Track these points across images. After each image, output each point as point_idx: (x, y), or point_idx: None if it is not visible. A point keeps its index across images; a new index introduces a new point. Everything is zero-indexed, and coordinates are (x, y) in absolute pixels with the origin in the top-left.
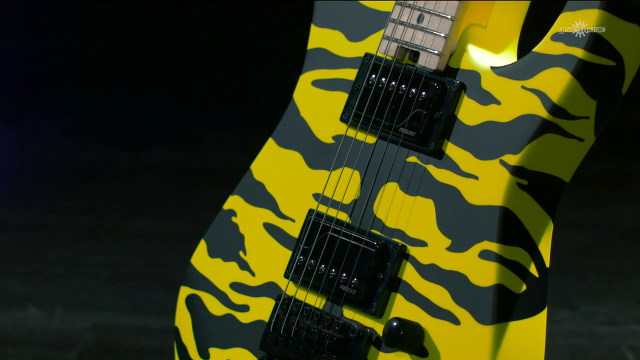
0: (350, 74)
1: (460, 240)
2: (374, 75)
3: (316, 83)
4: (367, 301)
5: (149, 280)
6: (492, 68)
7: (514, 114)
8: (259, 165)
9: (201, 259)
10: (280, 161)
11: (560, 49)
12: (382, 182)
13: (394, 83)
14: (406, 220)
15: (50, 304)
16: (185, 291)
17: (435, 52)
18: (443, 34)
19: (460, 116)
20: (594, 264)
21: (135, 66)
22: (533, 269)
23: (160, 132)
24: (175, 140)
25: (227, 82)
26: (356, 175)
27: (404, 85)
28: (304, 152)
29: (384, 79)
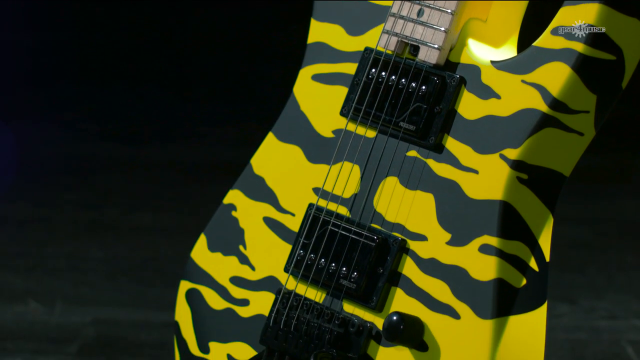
0: (350, 68)
1: (460, 235)
2: (374, 70)
3: (316, 77)
4: (367, 295)
5: (149, 275)
6: (492, 62)
7: (514, 108)
8: (259, 160)
9: (201, 253)
10: (280, 155)
11: (560, 43)
12: (382, 176)
13: (394, 77)
14: (406, 215)
15: (50, 298)
16: (185, 285)
17: (435, 46)
18: (443, 28)
19: (461, 110)
20: (594, 258)
21: (135, 61)
22: (533, 263)
23: (160, 127)
24: (175, 135)
25: (227, 77)
26: (356, 170)
27: (404, 80)
28: (304, 147)
29: (384, 73)
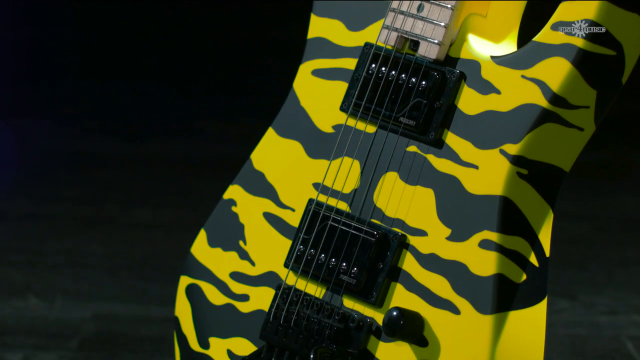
0: (350, 64)
1: (460, 230)
2: (374, 65)
3: (316, 72)
4: (367, 291)
5: (148, 270)
6: (492, 57)
7: (514, 104)
8: (259, 155)
9: (201, 248)
10: (280, 151)
11: (560, 38)
12: (382, 172)
13: (394, 72)
14: (406, 210)
15: (50, 293)
16: (185, 281)
17: (435, 42)
18: (443, 24)
19: (461, 105)
20: (594, 253)
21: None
22: (533, 259)
23: (160, 122)
24: (176, 130)
25: (227, 72)
26: (356, 165)
27: (404, 75)
28: (304, 142)
29: (384, 69)
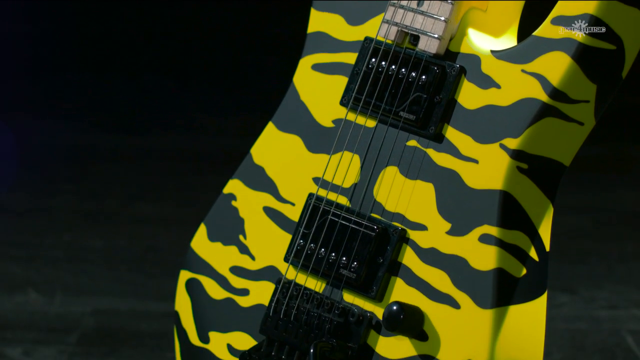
0: (350, 58)
1: (460, 224)
2: (374, 59)
3: (316, 67)
4: (367, 285)
5: (148, 265)
6: (492, 52)
7: (514, 98)
8: (259, 149)
9: (201, 242)
10: (280, 145)
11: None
12: (382, 166)
13: (394, 67)
14: (406, 204)
15: (50, 288)
16: (185, 275)
17: (435, 36)
18: (443, 18)
19: (461, 100)
20: (594, 248)
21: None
22: (533, 253)
23: (161, 117)
24: (175, 125)
25: (227, 67)
26: (356, 159)
27: (404, 69)
28: (303, 136)
29: (383, 63)
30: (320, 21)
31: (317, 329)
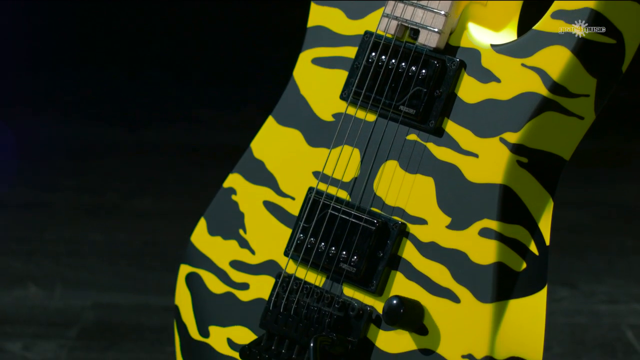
0: (350, 52)
1: (460, 218)
2: (374, 53)
3: (316, 61)
4: (367, 279)
5: (148, 259)
6: (493, 46)
7: (514, 92)
8: (259, 143)
9: (201, 237)
10: (280, 139)
11: (560, 26)
12: (382, 160)
13: (394, 61)
14: (406, 198)
15: (50, 282)
16: (185, 269)
17: (435, 30)
18: (443, 12)
19: (461, 94)
20: (594, 242)
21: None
22: (533, 247)
23: (161, 111)
24: (176, 119)
25: (227, 60)
26: (356, 153)
27: (404, 63)
28: (303, 130)
29: (384, 57)
30: (320, 15)
31: (317, 323)
